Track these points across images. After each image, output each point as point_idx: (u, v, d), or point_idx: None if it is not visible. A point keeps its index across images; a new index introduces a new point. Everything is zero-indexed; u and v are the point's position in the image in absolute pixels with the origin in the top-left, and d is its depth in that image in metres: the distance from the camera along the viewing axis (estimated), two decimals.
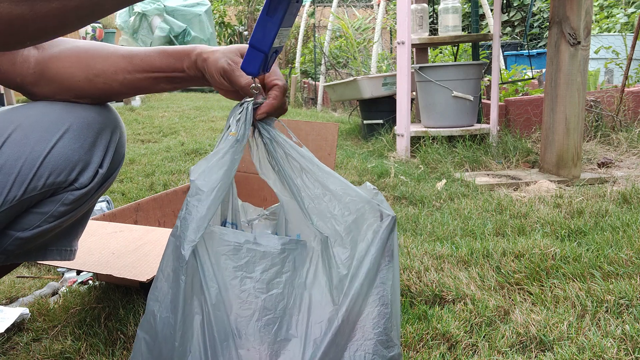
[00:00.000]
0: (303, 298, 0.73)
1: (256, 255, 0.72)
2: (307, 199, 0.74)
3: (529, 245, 1.47)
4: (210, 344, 0.68)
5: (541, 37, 6.86)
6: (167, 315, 0.69)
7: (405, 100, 3.03)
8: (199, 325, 0.68)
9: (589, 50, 2.31)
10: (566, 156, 2.39)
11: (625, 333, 1.02)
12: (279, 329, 0.71)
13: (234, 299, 0.70)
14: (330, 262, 0.73)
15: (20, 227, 0.82)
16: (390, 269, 0.73)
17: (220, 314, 0.69)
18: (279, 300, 0.72)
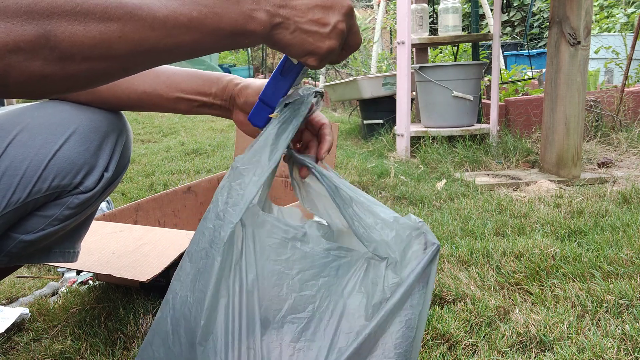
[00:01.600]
0: (337, 305, 0.74)
1: (297, 254, 0.73)
2: (360, 227, 0.76)
3: (529, 245, 1.47)
4: (236, 327, 0.69)
5: (541, 37, 6.86)
6: (187, 294, 0.71)
7: (405, 100, 3.03)
8: (224, 308, 0.69)
9: (589, 50, 2.31)
10: (566, 156, 2.39)
11: (625, 333, 1.02)
12: (306, 329, 0.72)
13: (267, 290, 0.71)
14: (377, 281, 0.74)
15: (24, 230, 0.81)
16: (422, 295, 0.74)
17: (252, 301, 0.70)
18: (310, 302, 0.72)
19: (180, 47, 0.54)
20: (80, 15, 0.47)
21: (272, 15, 0.57)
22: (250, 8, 0.56)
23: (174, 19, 0.52)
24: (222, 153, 3.24)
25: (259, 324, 0.70)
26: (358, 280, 0.75)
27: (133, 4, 0.50)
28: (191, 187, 1.79)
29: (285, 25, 0.59)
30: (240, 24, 0.56)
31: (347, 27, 0.61)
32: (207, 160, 3.07)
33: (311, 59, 0.62)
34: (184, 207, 1.74)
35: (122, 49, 0.51)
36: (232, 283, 0.70)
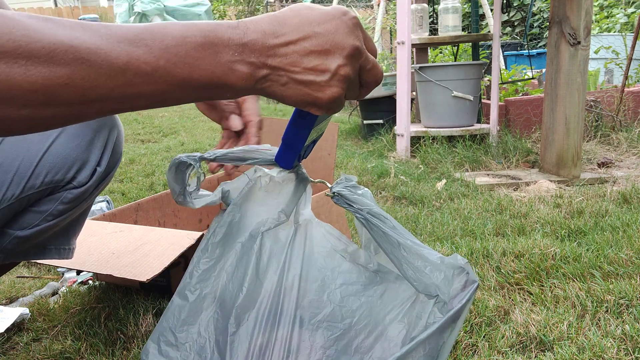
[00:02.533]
0: (376, 328, 0.74)
1: (344, 267, 0.74)
2: (409, 270, 0.75)
3: (529, 245, 1.47)
4: (271, 315, 0.71)
5: (541, 37, 6.86)
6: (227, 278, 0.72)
7: (405, 100, 3.03)
8: (260, 295, 0.71)
9: (589, 50, 2.31)
10: (566, 156, 2.39)
11: (625, 333, 1.02)
12: (339, 340, 0.72)
13: (308, 292, 0.72)
14: (422, 315, 0.74)
15: (19, 226, 0.82)
16: (451, 328, 0.74)
17: (289, 296, 0.71)
18: (348, 315, 0.73)
19: (142, 96, 0.48)
20: (22, 58, 0.42)
21: (256, 67, 0.50)
22: (230, 60, 0.49)
23: (136, 67, 0.46)
24: None
25: (292, 318, 0.71)
26: (403, 311, 0.75)
27: (87, 48, 0.44)
28: None
29: (274, 78, 0.51)
30: (217, 76, 0.49)
31: (352, 70, 0.54)
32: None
33: (314, 109, 0.55)
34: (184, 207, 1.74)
35: (69, 96, 0.45)
36: (272, 273, 0.72)
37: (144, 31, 0.47)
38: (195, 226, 1.77)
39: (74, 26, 0.45)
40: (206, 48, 0.48)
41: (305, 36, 0.51)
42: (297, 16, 0.52)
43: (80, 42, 0.44)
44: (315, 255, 0.73)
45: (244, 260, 0.72)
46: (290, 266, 0.72)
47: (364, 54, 0.55)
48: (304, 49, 0.51)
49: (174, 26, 0.48)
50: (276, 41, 0.51)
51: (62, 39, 0.43)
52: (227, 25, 0.50)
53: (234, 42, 0.49)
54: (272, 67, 0.51)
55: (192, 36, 0.48)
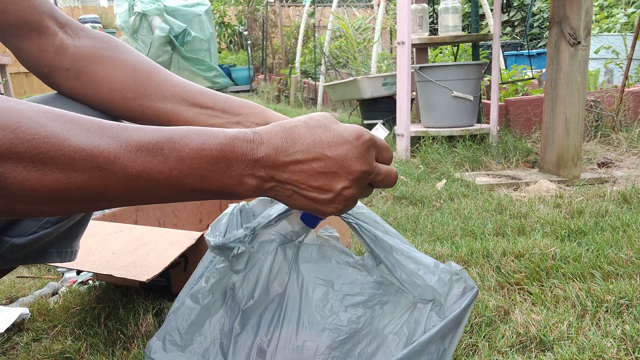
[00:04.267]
0: (377, 337, 0.75)
1: (348, 278, 0.75)
2: (403, 274, 0.77)
3: (529, 245, 1.47)
4: (275, 317, 0.73)
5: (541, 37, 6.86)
6: None
7: (405, 100, 3.03)
8: (269, 303, 0.73)
9: (589, 50, 2.31)
10: (566, 156, 2.39)
11: (625, 333, 1.02)
12: (344, 343, 0.73)
13: (314, 298, 0.74)
14: (420, 320, 0.76)
15: (15, 233, 0.78)
16: (452, 336, 0.75)
17: (294, 301, 0.73)
18: (353, 321, 0.74)
19: (150, 199, 0.50)
20: (41, 164, 0.43)
21: (264, 180, 0.52)
22: (241, 173, 0.51)
23: (149, 176, 0.47)
24: None
25: (297, 319, 0.73)
26: (402, 322, 0.77)
27: (105, 158, 0.45)
28: None
29: (279, 189, 0.54)
30: (225, 186, 0.51)
31: (358, 190, 0.56)
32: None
33: (318, 215, 0.58)
34: (184, 207, 1.74)
35: (80, 197, 0.46)
36: (279, 280, 0.74)
37: (164, 140, 0.48)
38: (195, 226, 1.78)
39: (95, 129, 0.45)
40: (220, 162, 0.50)
41: (314, 158, 0.53)
42: (311, 135, 0.54)
43: (100, 151, 0.45)
44: (319, 265, 0.75)
45: (255, 269, 0.74)
46: (294, 277, 0.74)
47: (374, 172, 0.57)
48: (312, 169, 0.53)
49: (195, 135, 0.49)
50: (286, 159, 0.52)
51: (82, 146, 0.44)
52: (243, 138, 0.51)
53: (247, 157, 0.51)
54: (279, 181, 0.53)
55: (208, 149, 0.49)
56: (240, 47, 9.50)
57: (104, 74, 0.76)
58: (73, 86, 0.78)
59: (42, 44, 0.76)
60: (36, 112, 0.44)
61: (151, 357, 0.74)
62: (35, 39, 0.76)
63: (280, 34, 8.00)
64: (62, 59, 0.76)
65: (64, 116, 0.45)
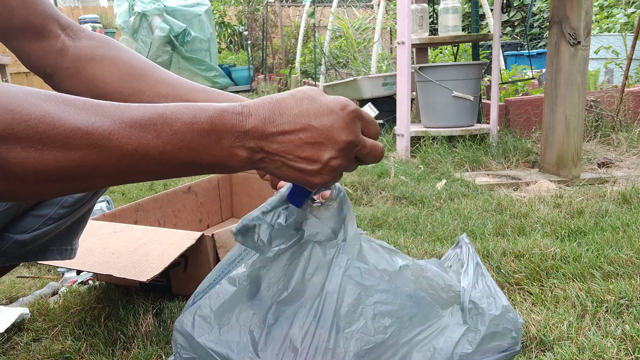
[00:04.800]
0: (402, 349, 0.75)
1: (381, 286, 0.76)
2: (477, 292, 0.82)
3: (529, 245, 1.47)
4: (311, 314, 0.73)
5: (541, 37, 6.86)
6: None
7: (405, 100, 3.03)
8: (306, 299, 0.74)
9: (589, 50, 2.31)
10: (566, 156, 2.39)
11: (625, 333, 1.02)
12: (370, 352, 0.74)
13: (345, 302, 0.74)
14: (450, 342, 0.77)
15: (18, 230, 0.81)
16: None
17: (329, 300, 0.74)
18: (380, 331, 0.75)
19: (145, 174, 0.51)
20: (38, 143, 0.44)
21: (254, 151, 0.54)
22: (231, 145, 0.53)
23: (144, 152, 0.49)
24: None
25: (331, 322, 0.73)
26: (430, 337, 0.77)
27: (100, 135, 0.46)
28: (191, 187, 1.79)
29: (269, 161, 0.55)
30: (217, 159, 0.53)
31: (344, 160, 0.57)
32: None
33: (306, 188, 0.59)
34: (184, 207, 1.75)
35: (78, 175, 0.47)
36: (316, 280, 0.75)
37: (156, 116, 0.50)
38: (195, 226, 1.78)
39: (89, 108, 0.47)
40: (211, 134, 0.52)
41: (301, 128, 0.54)
42: (298, 106, 0.55)
43: (95, 128, 0.46)
44: (356, 271, 0.75)
45: (292, 265, 0.75)
46: (332, 277, 0.74)
47: (360, 143, 0.58)
48: (299, 139, 0.54)
49: (186, 110, 0.51)
50: (274, 130, 0.54)
51: (78, 125, 0.46)
52: (232, 111, 0.53)
53: (237, 129, 0.53)
54: (268, 152, 0.54)
55: (199, 123, 0.51)
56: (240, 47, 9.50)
57: (102, 71, 0.78)
58: (73, 84, 0.79)
59: (45, 46, 0.78)
60: (30, 94, 0.45)
61: (179, 330, 0.76)
62: (39, 41, 0.78)
63: (280, 34, 8.00)
64: (64, 59, 0.78)
65: (58, 97, 0.46)
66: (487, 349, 0.79)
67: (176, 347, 0.77)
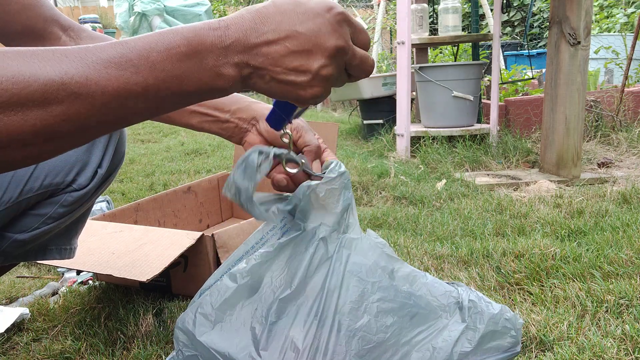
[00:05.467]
0: (402, 349, 0.76)
1: (384, 282, 0.76)
2: (473, 295, 0.83)
3: (529, 245, 1.47)
4: (312, 313, 0.73)
5: (541, 37, 6.86)
6: None
7: (405, 100, 3.03)
8: (307, 296, 0.74)
9: (589, 50, 2.31)
10: (566, 156, 2.39)
11: (625, 333, 1.02)
12: (371, 352, 0.74)
13: (347, 300, 0.74)
14: (449, 341, 0.77)
15: (18, 229, 0.80)
16: None
17: (331, 300, 0.74)
18: (381, 330, 0.75)
19: (137, 114, 0.49)
20: (17, 105, 0.42)
21: (240, 67, 0.50)
22: (216, 64, 0.49)
23: (127, 91, 0.46)
24: (222, 153, 3.24)
25: (332, 321, 0.73)
26: (429, 336, 0.77)
27: (77, 82, 0.44)
28: (191, 187, 1.79)
29: (257, 76, 0.51)
30: (205, 83, 0.49)
31: (335, 69, 0.53)
32: (207, 160, 3.07)
33: (298, 104, 0.55)
34: (184, 207, 1.74)
35: (69, 129, 0.45)
36: (319, 276, 0.74)
37: (127, 50, 0.47)
38: (195, 226, 1.77)
39: (59, 57, 0.44)
40: (191, 57, 0.48)
41: (286, 36, 0.51)
42: (280, 13, 0.51)
43: (70, 77, 0.44)
44: (359, 266, 0.75)
45: (296, 261, 0.74)
46: (334, 272, 0.74)
47: (349, 51, 0.54)
48: (285, 48, 0.50)
49: (157, 38, 0.48)
50: (257, 40, 0.50)
51: (51, 76, 0.43)
52: (208, 27, 0.50)
53: (217, 46, 0.49)
54: (255, 66, 0.51)
55: (175, 47, 0.48)
56: None
57: None
58: None
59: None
60: None
61: (180, 328, 0.76)
62: (40, 44, 0.78)
63: None
64: None
65: (24, 52, 0.44)
66: (487, 349, 0.79)
67: (178, 345, 0.78)
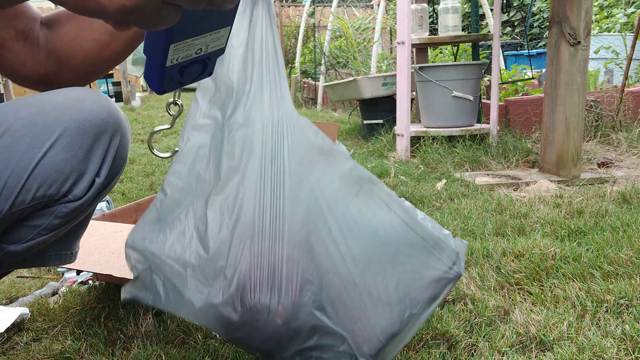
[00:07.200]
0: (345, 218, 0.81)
1: (321, 164, 0.80)
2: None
3: (529, 245, 1.47)
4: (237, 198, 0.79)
5: (541, 37, 6.86)
6: None
7: (405, 100, 3.03)
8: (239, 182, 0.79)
9: (589, 50, 2.31)
10: (566, 156, 2.39)
11: (625, 333, 1.02)
12: None
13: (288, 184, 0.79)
14: None
15: (11, 240, 0.76)
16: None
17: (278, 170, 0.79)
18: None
19: None
20: None
21: None
22: None
23: None
24: None
25: (279, 186, 0.77)
26: (383, 210, 0.80)
27: None
28: None
29: None
30: None
31: None
32: None
33: (104, 19, 0.44)
34: None
35: None
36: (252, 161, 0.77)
37: None
38: None
39: None
40: None
41: None
42: None
43: None
44: (301, 149, 0.77)
45: (217, 150, 0.78)
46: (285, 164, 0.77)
47: None
48: None
49: None
50: None
51: None
52: None
53: None
54: None
55: None
56: None
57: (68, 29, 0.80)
58: (63, 74, 0.81)
59: (30, 47, 0.80)
60: None
61: (130, 246, 0.80)
62: (26, 44, 0.79)
63: (280, 34, 7.99)
64: (47, 51, 0.80)
65: None
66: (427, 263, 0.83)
67: (130, 263, 0.79)
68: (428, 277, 0.84)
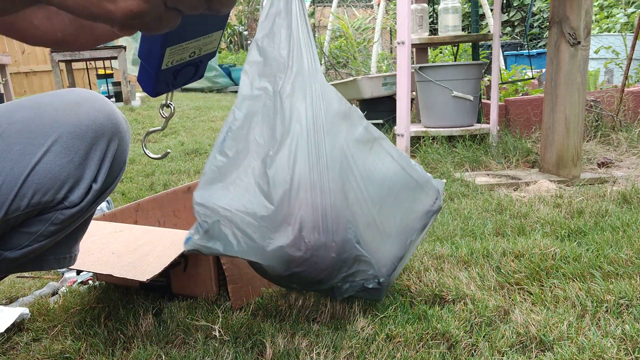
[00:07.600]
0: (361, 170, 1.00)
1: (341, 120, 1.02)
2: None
3: (529, 245, 1.47)
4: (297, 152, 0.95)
5: (541, 37, 6.86)
6: None
7: (405, 100, 3.02)
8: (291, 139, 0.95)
9: (589, 50, 2.31)
10: (566, 156, 2.39)
11: (625, 333, 1.02)
12: None
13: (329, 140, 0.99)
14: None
15: (7, 247, 0.75)
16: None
17: (321, 137, 0.97)
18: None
19: None
20: None
21: None
22: None
23: None
24: None
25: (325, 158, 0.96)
26: (388, 160, 1.01)
27: None
28: (191, 187, 1.79)
29: None
30: None
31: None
32: (207, 160, 3.06)
33: (111, 25, 0.44)
34: (184, 207, 1.74)
35: None
36: (295, 121, 0.93)
37: None
38: None
39: None
40: None
41: None
42: None
43: None
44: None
45: (270, 117, 0.90)
46: (315, 117, 0.92)
47: None
48: None
49: None
50: None
51: None
52: None
53: None
54: None
55: None
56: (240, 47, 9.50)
57: None
58: (82, 37, 0.79)
59: (46, 13, 0.75)
60: None
61: (198, 203, 0.87)
62: (42, 10, 0.75)
63: None
64: (63, 17, 0.77)
65: None
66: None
67: (199, 217, 0.87)
68: (420, 210, 1.08)
